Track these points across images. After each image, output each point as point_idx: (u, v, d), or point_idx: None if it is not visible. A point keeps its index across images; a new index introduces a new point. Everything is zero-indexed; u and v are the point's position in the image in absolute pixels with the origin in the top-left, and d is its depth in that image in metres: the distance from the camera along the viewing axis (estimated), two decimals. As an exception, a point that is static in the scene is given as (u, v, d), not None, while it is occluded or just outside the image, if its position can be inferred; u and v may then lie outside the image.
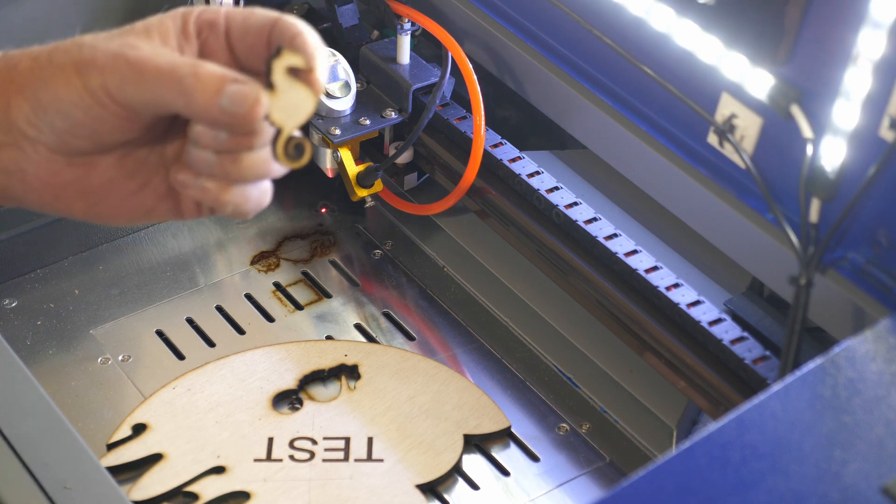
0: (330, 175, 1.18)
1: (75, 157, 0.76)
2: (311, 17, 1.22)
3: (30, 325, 1.11)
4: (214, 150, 0.74)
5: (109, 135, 0.75)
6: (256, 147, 0.74)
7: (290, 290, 1.17)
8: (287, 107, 0.71)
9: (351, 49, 1.16)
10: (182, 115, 0.74)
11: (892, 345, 0.80)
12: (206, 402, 1.04)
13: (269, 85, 0.71)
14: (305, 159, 0.73)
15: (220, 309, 1.14)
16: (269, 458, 1.00)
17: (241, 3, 1.19)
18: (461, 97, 1.14)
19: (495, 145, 1.11)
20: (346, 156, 1.14)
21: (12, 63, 0.75)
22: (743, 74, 0.92)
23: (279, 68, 0.71)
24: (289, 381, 1.06)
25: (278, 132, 0.72)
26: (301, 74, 0.71)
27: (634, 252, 1.02)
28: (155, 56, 0.73)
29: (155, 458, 1.00)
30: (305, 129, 1.18)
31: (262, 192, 0.76)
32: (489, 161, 1.11)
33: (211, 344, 1.11)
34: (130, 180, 0.78)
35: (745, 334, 0.97)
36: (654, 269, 1.01)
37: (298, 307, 1.15)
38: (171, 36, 0.75)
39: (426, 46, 1.17)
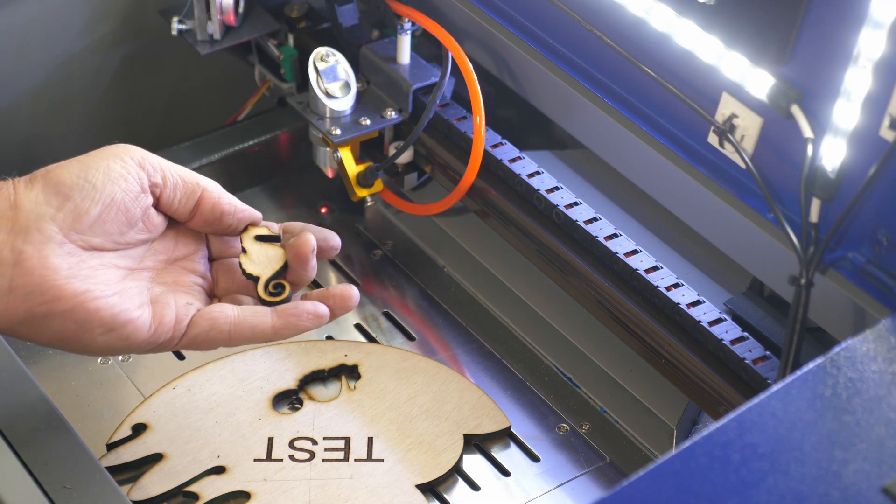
0: (330, 175, 1.18)
1: None
2: (311, 16, 1.22)
3: (30, 325, 1.11)
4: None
5: None
6: None
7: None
8: (259, 262, 0.92)
9: (351, 49, 1.16)
10: None
11: (893, 345, 0.80)
12: (206, 402, 1.04)
13: (242, 250, 0.93)
14: (285, 295, 0.92)
15: (220, 309, 1.14)
16: (269, 458, 1.00)
17: (241, 5, 1.19)
18: (461, 97, 1.13)
19: (495, 145, 1.11)
20: (346, 156, 1.14)
21: None
22: (743, 74, 0.92)
23: (248, 238, 0.93)
24: (289, 381, 1.06)
25: (258, 279, 0.92)
26: (268, 239, 0.93)
27: (634, 252, 1.02)
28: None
29: (155, 458, 1.00)
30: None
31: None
32: (489, 161, 1.11)
33: (211, 344, 1.11)
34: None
35: (745, 334, 0.97)
36: (655, 269, 1.01)
37: (298, 307, 1.15)
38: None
39: (426, 46, 1.17)
